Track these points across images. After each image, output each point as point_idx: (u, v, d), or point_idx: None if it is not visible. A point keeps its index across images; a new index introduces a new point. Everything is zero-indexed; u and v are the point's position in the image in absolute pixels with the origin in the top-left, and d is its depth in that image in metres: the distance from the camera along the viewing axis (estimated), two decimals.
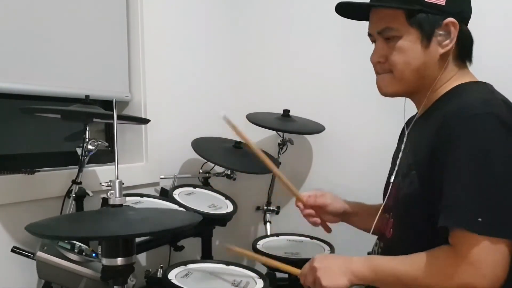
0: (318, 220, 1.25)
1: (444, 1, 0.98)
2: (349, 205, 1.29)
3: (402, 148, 1.12)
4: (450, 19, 0.98)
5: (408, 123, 1.17)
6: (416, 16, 0.99)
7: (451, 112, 0.93)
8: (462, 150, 0.89)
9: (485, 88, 1.00)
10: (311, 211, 1.25)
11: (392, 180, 1.13)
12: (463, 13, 1.02)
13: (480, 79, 1.05)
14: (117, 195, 0.96)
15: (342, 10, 1.11)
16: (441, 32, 0.99)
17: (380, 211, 1.15)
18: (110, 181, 0.97)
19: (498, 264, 0.86)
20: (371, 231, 1.18)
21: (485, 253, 0.85)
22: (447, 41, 0.99)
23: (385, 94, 1.09)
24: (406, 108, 1.16)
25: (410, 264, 0.94)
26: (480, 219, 0.85)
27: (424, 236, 0.94)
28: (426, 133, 0.99)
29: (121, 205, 0.97)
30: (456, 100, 0.98)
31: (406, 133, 1.14)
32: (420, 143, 1.02)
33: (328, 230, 1.31)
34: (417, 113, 1.12)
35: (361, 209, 1.29)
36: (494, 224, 0.85)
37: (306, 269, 1.06)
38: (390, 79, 1.06)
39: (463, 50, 1.03)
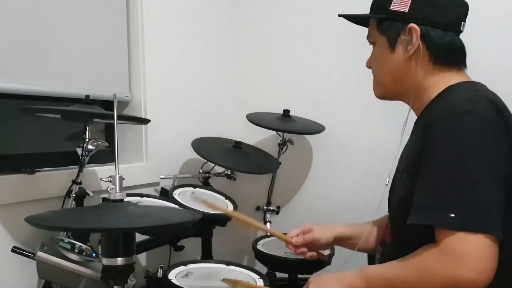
0: (314, 254, 1.25)
1: (407, 8, 1.03)
2: (339, 230, 1.27)
3: (400, 154, 1.14)
4: (411, 24, 1.02)
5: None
6: (383, 24, 1.07)
7: (435, 112, 0.96)
8: (438, 148, 0.91)
9: (471, 87, 1.00)
10: (303, 249, 1.24)
11: (392, 183, 1.14)
12: (431, 18, 1.03)
13: (478, 80, 1.05)
14: (118, 190, 0.96)
15: (346, 17, 1.18)
16: (405, 37, 1.04)
17: (372, 225, 1.18)
18: (110, 176, 0.97)
19: (484, 256, 0.84)
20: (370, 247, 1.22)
21: (467, 246, 0.84)
22: (410, 46, 1.03)
23: (376, 97, 1.16)
24: (406, 108, 1.16)
25: (399, 267, 0.95)
26: (452, 215, 0.85)
27: (420, 239, 0.94)
28: (416, 136, 1.02)
29: (122, 200, 0.97)
30: (442, 101, 1.00)
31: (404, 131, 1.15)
32: (411, 146, 1.05)
33: (326, 259, 1.33)
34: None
35: (354, 231, 1.27)
36: (467, 219, 0.85)
37: None
38: (374, 84, 1.15)
39: (438, 55, 1.03)
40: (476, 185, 0.87)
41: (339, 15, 1.16)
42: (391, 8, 1.04)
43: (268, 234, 1.54)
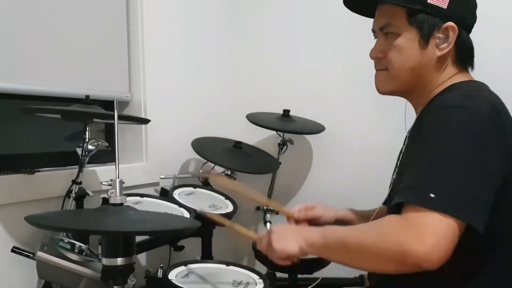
0: None
1: (447, 4, 0.98)
2: (341, 213, 1.28)
3: (402, 149, 1.14)
4: (450, 23, 0.98)
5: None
6: (416, 16, 0.99)
7: (431, 107, 0.97)
8: (426, 136, 0.91)
9: (473, 87, 1.00)
10: (304, 224, 1.24)
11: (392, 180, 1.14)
12: (465, 19, 1.01)
13: (480, 80, 1.06)
14: (118, 194, 0.96)
15: (351, 4, 1.13)
16: (440, 35, 0.99)
17: (374, 215, 1.15)
18: (110, 180, 0.97)
19: (441, 233, 0.82)
20: None
21: (428, 220, 0.82)
22: (445, 45, 1.00)
23: (381, 92, 1.10)
24: (407, 109, 1.16)
25: (359, 230, 0.94)
26: (432, 195, 0.83)
27: None
28: (415, 132, 1.02)
29: (122, 204, 0.97)
30: (441, 97, 0.99)
31: (407, 134, 1.14)
32: (412, 142, 1.04)
33: None
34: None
35: (355, 217, 1.27)
36: (445, 201, 0.83)
37: (262, 234, 1.08)
38: (385, 77, 1.07)
39: (462, 56, 1.03)
40: (459, 171, 0.85)
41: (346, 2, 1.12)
42: (428, 1, 0.98)
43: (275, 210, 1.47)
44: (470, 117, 0.88)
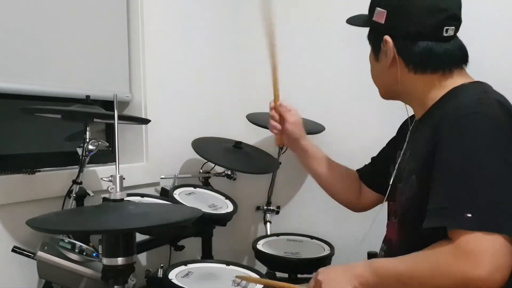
0: (278, 125, 1.33)
1: (384, 20, 1.06)
2: (310, 143, 1.36)
3: (403, 152, 1.14)
4: (385, 37, 1.06)
5: (406, 123, 1.18)
6: (370, 33, 1.13)
7: (445, 115, 0.96)
8: (450, 150, 0.91)
9: (479, 88, 1.00)
10: (275, 114, 1.34)
11: (391, 181, 1.15)
12: (403, 29, 1.04)
13: (479, 79, 1.06)
14: (118, 189, 0.96)
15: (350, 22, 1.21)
16: (384, 48, 1.07)
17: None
18: (111, 175, 0.97)
19: (497, 254, 0.84)
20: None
21: (482, 245, 0.84)
22: (387, 57, 1.07)
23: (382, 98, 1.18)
24: (407, 109, 1.16)
25: (411, 262, 0.94)
26: (469, 215, 0.85)
27: (428, 239, 0.94)
28: (424, 137, 1.01)
29: (122, 199, 0.97)
30: (451, 102, 1.00)
31: (408, 136, 1.14)
32: (418, 147, 1.04)
33: (278, 143, 1.38)
34: (413, 116, 1.15)
35: (324, 160, 1.37)
36: (483, 220, 0.85)
37: (311, 284, 1.07)
38: None
39: (416, 62, 1.04)
40: (491, 185, 0.87)
41: (347, 21, 1.19)
42: (373, 18, 1.08)
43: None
44: (490, 124, 0.90)
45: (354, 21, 1.16)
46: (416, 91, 1.07)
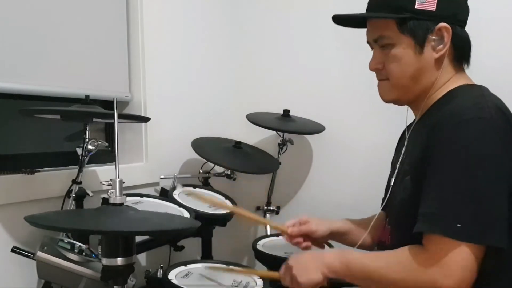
0: (309, 244, 1.23)
1: (435, 6, 0.98)
2: (336, 225, 1.25)
3: (402, 153, 1.13)
4: (442, 24, 0.98)
5: (408, 127, 1.17)
6: (407, 24, 0.99)
7: (441, 118, 0.94)
8: (446, 156, 0.90)
9: (477, 92, 0.99)
10: (298, 239, 1.22)
11: (391, 185, 1.14)
12: (457, 16, 1.01)
13: (478, 81, 1.05)
14: (118, 194, 0.96)
15: (339, 20, 1.13)
16: (434, 37, 0.99)
17: (373, 222, 1.17)
18: (110, 180, 0.97)
19: (467, 268, 0.86)
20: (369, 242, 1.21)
21: (455, 256, 0.86)
22: (441, 46, 1.00)
23: (385, 100, 1.11)
24: (405, 109, 1.16)
25: (384, 262, 0.95)
26: (459, 225, 0.85)
27: (420, 242, 0.94)
28: (420, 139, 1.00)
29: (121, 204, 0.97)
30: (448, 106, 0.98)
31: (406, 137, 1.14)
32: (414, 149, 1.03)
33: (322, 246, 1.30)
34: (415, 118, 1.13)
35: (350, 227, 1.25)
36: (473, 230, 0.85)
37: (283, 270, 1.08)
38: (388, 86, 1.08)
39: (460, 53, 1.03)
40: (484, 195, 0.87)
41: (336, 16, 1.12)
42: (416, 7, 0.98)
43: (267, 225, 1.52)
44: (484, 130, 0.89)
45: (373, 14, 1.06)
46: (433, 89, 1.03)
